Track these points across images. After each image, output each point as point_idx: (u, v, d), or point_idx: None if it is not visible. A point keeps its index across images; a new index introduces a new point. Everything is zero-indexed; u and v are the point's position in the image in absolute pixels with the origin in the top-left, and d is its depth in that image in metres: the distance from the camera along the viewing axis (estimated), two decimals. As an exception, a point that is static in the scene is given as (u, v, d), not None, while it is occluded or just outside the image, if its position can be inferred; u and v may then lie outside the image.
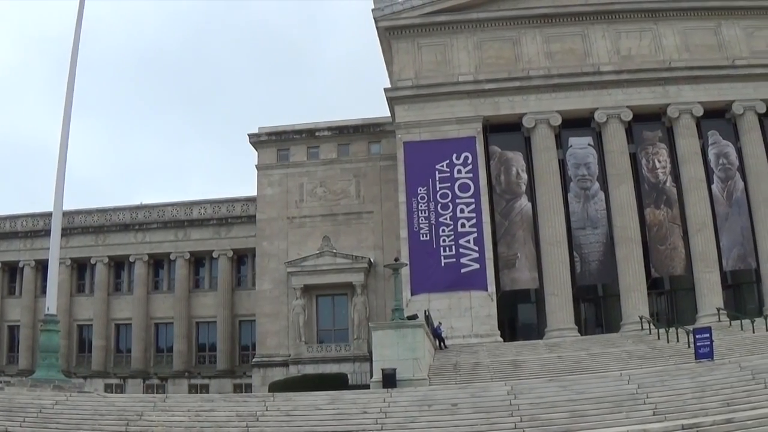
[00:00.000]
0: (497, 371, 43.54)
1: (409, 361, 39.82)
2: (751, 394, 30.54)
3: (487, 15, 62.75)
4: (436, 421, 30.50)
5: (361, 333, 61.05)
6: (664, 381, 33.34)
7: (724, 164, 61.22)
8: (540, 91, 61.05)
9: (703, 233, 59.06)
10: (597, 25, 63.00)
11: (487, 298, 57.25)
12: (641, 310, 56.61)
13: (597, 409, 30.41)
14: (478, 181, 59.31)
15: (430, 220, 58.61)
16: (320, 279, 63.05)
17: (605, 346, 49.93)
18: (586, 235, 59.80)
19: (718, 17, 63.56)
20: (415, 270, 57.06)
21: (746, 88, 61.49)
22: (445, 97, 61.13)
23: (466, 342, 54.64)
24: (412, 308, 53.15)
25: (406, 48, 63.07)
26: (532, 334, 59.48)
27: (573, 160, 60.86)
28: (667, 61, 62.11)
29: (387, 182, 64.23)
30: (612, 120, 60.68)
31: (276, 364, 61.67)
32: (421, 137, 60.47)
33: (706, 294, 57.89)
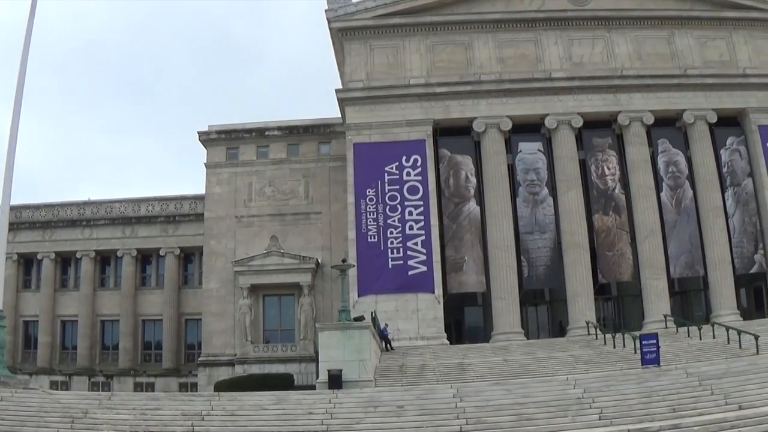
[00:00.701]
0: (443, 374, 44.22)
1: (356, 362, 40.26)
2: (697, 401, 31.80)
3: (440, 19, 63.71)
4: (382, 422, 31.19)
5: (308, 334, 61.60)
6: (610, 386, 34.46)
7: (674, 172, 62.88)
8: (491, 95, 62.16)
9: (651, 240, 60.57)
10: (550, 32, 64.34)
11: (434, 300, 58.17)
12: (588, 315, 57.94)
13: (543, 413, 31.24)
14: (427, 184, 60.20)
15: (378, 221, 59.40)
16: (267, 279, 63.49)
17: (552, 350, 50.97)
18: (533, 239, 60.96)
19: (672, 27, 65.34)
20: (363, 271, 57.87)
21: (697, 98, 63.35)
22: (396, 99, 61.98)
23: (412, 344, 55.50)
24: (359, 309, 53.80)
25: (359, 49, 63.83)
26: (479, 338, 60.34)
27: (522, 165, 61.98)
28: (619, 69, 63.60)
29: (336, 183, 64.92)
30: (562, 126, 62.00)
31: (222, 364, 62.07)
32: (371, 139, 61.26)
33: (653, 300, 59.44)
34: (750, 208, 63.28)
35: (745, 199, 63.44)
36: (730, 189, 63.54)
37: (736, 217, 63.05)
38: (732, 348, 45.21)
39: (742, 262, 62.32)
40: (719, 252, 61.26)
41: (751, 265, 62.45)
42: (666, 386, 34.26)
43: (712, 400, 31.85)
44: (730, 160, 63.88)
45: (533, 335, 61.00)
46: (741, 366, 36.94)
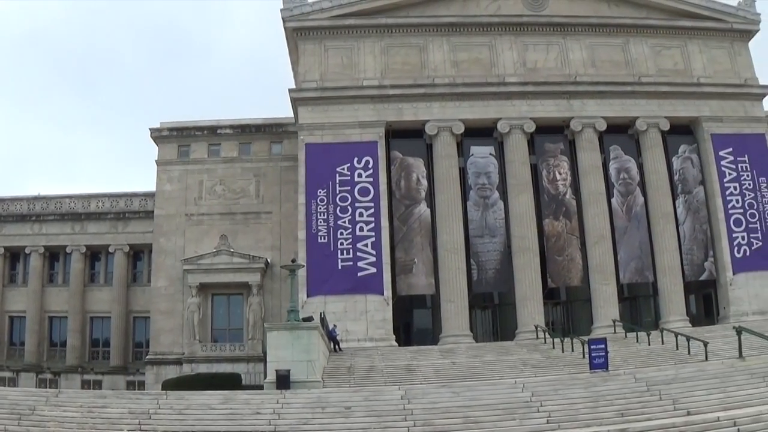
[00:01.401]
0: (391, 375, 44.87)
1: (304, 363, 40.65)
2: (645, 406, 32.78)
3: (395, 21, 64.60)
4: (330, 423, 31.97)
5: (256, 333, 61.93)
6: (558, 390, 35.44)
7: (625, 179, 64.35)
8: (444, 99, 63.14)
9: (601, 246, 61.94)
10: (504, 37, 65.47)
11: (383, 302, 58.91)
12: (537, 320, 59.14)
13: (490, 416, 32.16)
14: (378, 185, 61.00)
15: (328, 222, 60.05)
16: (216, 278, 63.83)
17: (500, 353, 51.92)
18: (483, 243, 62.04)
19: (627, 34, 66.84)
20: (312, 272, 58.51)
21: (650, 105, 64.97)
22: (349, 100, 62.74)
23: (360, 345, 56.22)
24: (307, 310, 54.25)
25: (313, 49, 64.50)
26: (427, 340, 61.45)
27: (474, 168, 63.05)
28: (573, 75, 64.97)
29: (287, 183, 65.44)
30: (515, 131, 63.13)
31: (170, 362, 62.30)
32: (324, 139, 61.90)
33: (603, 305, 60.84)
34: (701, 216, 64.89)
35: (696, 206, 65.03)
36: (682, 196, 65.12)
37: (686, 224, 64.63)
38: (681, 354, 46.34)
39: (692, 269, 63.91)
40: (669, 258, 62.79)
41: (701, 272, 64.10)
42: (614, 391, 35.27)
43: (660, 406, 32.78)
44: (681, 167, 65.50)
45: (482, 338, 62.05)
46: (689, 372, 38.11)
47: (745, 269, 63.44)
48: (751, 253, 63.97)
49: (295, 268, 47.67)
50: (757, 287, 63.14)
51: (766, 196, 65.40)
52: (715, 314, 64.98)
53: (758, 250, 64.10)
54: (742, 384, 35.55)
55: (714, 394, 34.09)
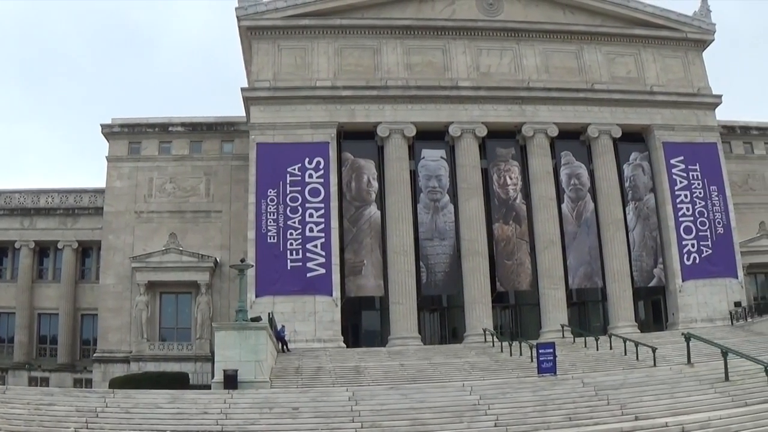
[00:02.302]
0: (339, 377, 45.53)
1: (252, 363, 40.85)
2: (593, 410, 33.69)
3: (350, 22, 65.65)
4: (277, 424, 32.45)
5: (204, 333, 62.41)
6: (506, 393, 36.33)
7: (576, 185, 65.91)
8: (397, 101, 64.23)
9: (550, 250, 63.36)
10: (459, 41, 66.84)
11: (332, 303, 59.72)
12: (485, 323, 60.24)
13: (438, 419, 32.78)
14: (328, 186, 61.78)
15: (278, 222, 60.70)
16: (165, 276, 64.29)
17: (448, 356, 52.75)
18: (433, 246, 63.13)
19: (581, 41, 68.52)
20: (261, 272, 59.12)
21: (603, 112, 66.56)
22: (301, 100, 63.59)
23: (309, 346, 56.86)
24: (256, 310, 54.87)
25: (267, 49, 65.25)
26: (376, 341, 62.41)
27: (425, 171, 64.20)
28: (526, 80, 66.38)
29: (238, 182, 65.98)
30: (466, 135, 64.40)
31: (117, 360, 62.51)
32: (275, 139, 62.61)
33: (551, 310, 62.22)
34: (651, 223, 66.50)
35: (646, 213, 66.65)
36: (632, 203, 66.73)
37: (636, 231, 66.21)
38: (629, 359, 47.36)
39: (641, 275, 65.50)
40: (618, 264, 64.35)
41: (650, 279, 65.76)
42: (562, 395, 36.06)
43: (608, 410, 33.68)
44: (632, 175, 67.13)
45: (430, 341, 63.20)
46: (638, 377, 39.12)
47: (695, 276, 65.14)
48: (700, 261, 65.69)
49: (244, 267, 48.02)
50: (706, 294, 64.90)
51: (716, 205, 67.19)
52: (664, 320, 66.64)
53: (708, 258, 65.87)
54: (691, 390, 36.60)
55: (662, 399, 35.00)
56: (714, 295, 65.13)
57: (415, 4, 67.42)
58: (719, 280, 65.67)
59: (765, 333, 57.20)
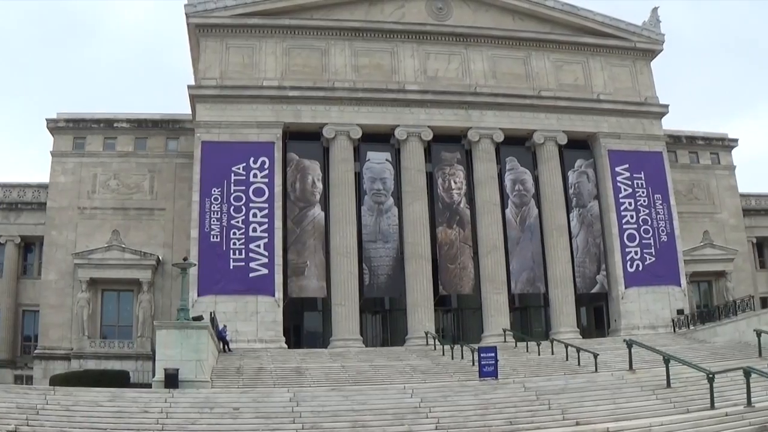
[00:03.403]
0: (280, 377, 45.79)
1: (193, 362, 40.76)
2: (534, 414, 34.19)
3: (298, 23, 66.30)
4: (218, 424, 32.55)
5: (146, 331, 62.72)
6: (447, 396, 36.63)
7: (520, 190, 67.17)
8: (343, 103, 64.96)
9: (493, 255, 64.48)
10: (407, 44, 67.83)
11: (274, 303, 60.21)
12: (427, 326, 61.14)
13: (379, 421, 33.05)
14: (273, 186, 62.28)
15: (222, 221, 61.08)
16: (107, 273, 64.54)
17: (389, 358, 53.50)
18: (376, 248, 64.01)
19: (529, 48, 69.89)
20: (204, 271, 59.45)
21: (549, 119, 67.94)
22: (248, 100, 64.05)
23: (250, 346, 57.26)
24: (198, 309, 55.10)
25: (215, 47, 65.67)
26: (317, 343, 63.07)
27: (369, 173, 65.08)
28: (474, 85, 67.56)
29: (182, 180, 66.31)
30: (412, 138, 65.36)
31: (58, 357, 62.53)
32: (221, 138, 63.02)
33: (493, 314, 63.29)
34: (594, 230, 67.93)
35: (589, 220, 68.10)
36: (576, 210, 68.21)
37: (580, 237, 67.63)
38: (571, 365, 48.39)
39: (584, 282, 66.93)
40: (561, 270, 65.76)
41: (593, 285, 67.18)
42: (503, 399, 36.63)
43: (549, 415, 34.19)
44: (577, 181, 68.64)
45: (372, 343, 64.00)
46: (579, 383, 39.77)
47: (638, 284, 66.75)
48: (643, 268, 67.25)
49: (187, 266, 48.28)
50: (648, 302, 66.55)
51: (660, 213, 68.78)
52: (606, 327, 68.09)
53: (651, 266, 67.46)
54: (632, 396, 37.18)
55: (604, 405, 35.63)
56: (656, 302, 66.74)
57: (364, 6, 68.32)
58: (662, 287, 67.26)
59: (707, 341, 58.73)
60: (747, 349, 51.94)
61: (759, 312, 59.00)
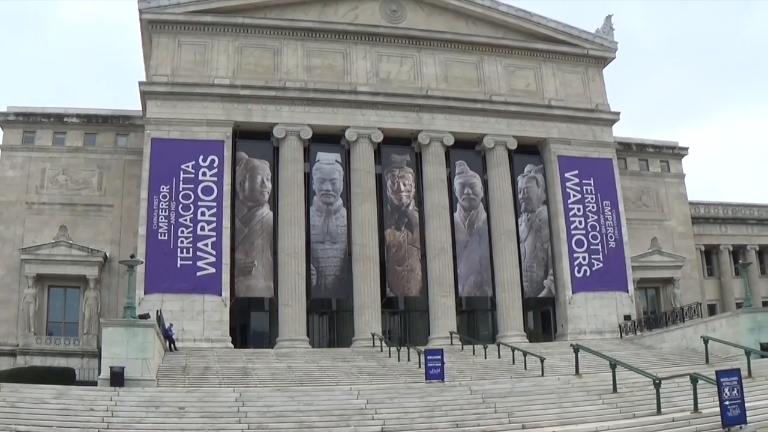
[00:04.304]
0: (226, 377, 46.03)
1: (139, 360, 40.82)
2: (481, 417, 34.67)
3: (252, 21, 66.68)
4: (163, 423, 32.64)
5: (92, 328, 62.62)
6: (393, 398, 37.12)
7: (469, 194, 68.24)
8: (294, 103, 65.55)
9: (441, 258, 65.40)
10: (360, 46, 68.66)
11: (221, 303, 60.53)
12: (374, 328, 61.85)
13: (325, 422, 33.39)
14: (222, 185, 62.57)
15: (170, 219, 61.22)
16: (54, 269, 64.31)
17: (336, 360, 53.96)
18: (324, 249, 64.66)
19: (481, 53, 71.02)
20: (151, 269, 59.58)
21: (500, 124, 69.12)
22: (199, 97, 64.34)
23: (196, 346, 57.50)
24: (144, 307, 55.18)
25: (167, 44, 65.87)
26: (264, 343, 63.47)
27: (319, 174, 65.71)
28: (425, 88, 68.48)
29: (131, 177, 66.41)
30: (362, 139, 66.11)
31: (4, 354, 61.99)
32: (170, 135, 63.19)
33: (440, 317, 64.21)
34: (543, 235, 69.16)
35: (538, 225, 69.30)
36: (524, 215, 69.37)
37: (528, 242, 68.79)
38: (517, 368, 49.13)
39: (531, 286, 68.08)
40: (509, 274, 66.84)
41: (540, 290, 68.39)
42: (449, 402, 37.02)
43: (495, 418, 34.68)
44: (526, 186, 69.84)
45: (318, 344, 64.54)
46: (526, 386, 40.44)
47: (585, 289, 68.14)
48: (591, 274, 68.63)
49: (134, 264, 48.31)
50: (596, 307, 67.86)
51: (609, 219, 70.15)
52: (553, 331, 69.30)
53: (599, 271, 68.85)
54: (579, 401, 37.85)
55: (550, 409, 36.21)
56: (604, 307, 68.10)
57: (318, 6, 68.99)
58: (609, 293, 68.67)
59: (654, 346, 59.98)
60: (694, 355, 53.10)
61: (706, 319, 60.65)
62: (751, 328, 52.25)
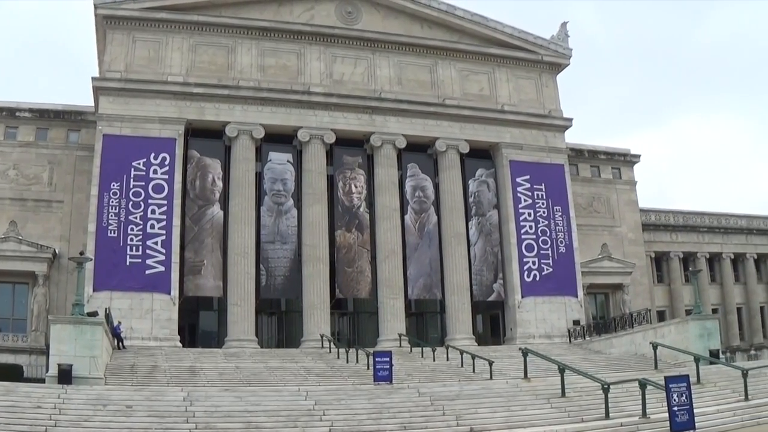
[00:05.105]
0: (174, 376, 46.50)
1: (87, 358, 40.96)
2: (429, 420, 35.45)
3: (207, 19, 67.35)
4: (111, 421, 32.96)
5: (40, 325, 62.69)
6: (341, 400, 37.87)
7: (420, 197, 69.58)
8: (247, 102, 66.30)
9: (391, 260, 66.69)
10: (314, 46, 69.69)
11: (170, 301, 61.02)
12: (323, 329, 62.92)
13: (272, 422, 33.99)
14: (173, 183, 63.02)
15: (120, 217, 61.54)
16: (2, 265, 63.84)
17: (284, 360, 54.77)
18: (274, 249, 65.54)
19: (436, 56, 72.40)
20: (100, 266, 59.80)
21: (452, 128, 70.52)
22: (152, 94, 64.70)
23: (145, 344, 57.86)
24: (93, 305, 55.28)
25: (121, 40, 66.17)
26: (212, 342, 64.08)
27: (270, 174, 66.57)
28: (379, 91, 69.71)
29: (81, 173, 66.69)
30: (315, 140, 67.16)
31: None
32: (122, 132, 63.51)
33: (389, 319, 65.44)
34: (493, 239, 70.71)
35: (488, 229, 70.85)
36: (475, 218, 70.87)
37: (478, 245, 70.29)
38: (466, 371, 50.14)
39: (481, 290, 69.58)
40: (458, 278, 68.25)
41: (489, 293, 69.93)
42: (397, 404, 37.80)
43: (443, 421, 35.44)
44: (477, 190, 71.39)
45: (267, 344, 65.38)
46: (474, 389, 41.39)
47: (534, 293, 69.82)
48: (541, 279, 70.31)
49: (83, 260, 48.57)
50: (545, 311, 69.59)
51: (560, 225, 71.88)
52: (502, 335, 70.85)
53: (548, 276, 70.56)
54: (527, 404, 38.79)
55: (499, 412, 37.09)
56: (553, 312, 69.84)
57: (273, 6, 69.78)
58: (559, 298, 70.48)
59: (602, 351, 61.64)
60: (643, 361, 54.65)
61: (655, 325, 62.42)
62: (701, 335, 54.12)
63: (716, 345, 54.30)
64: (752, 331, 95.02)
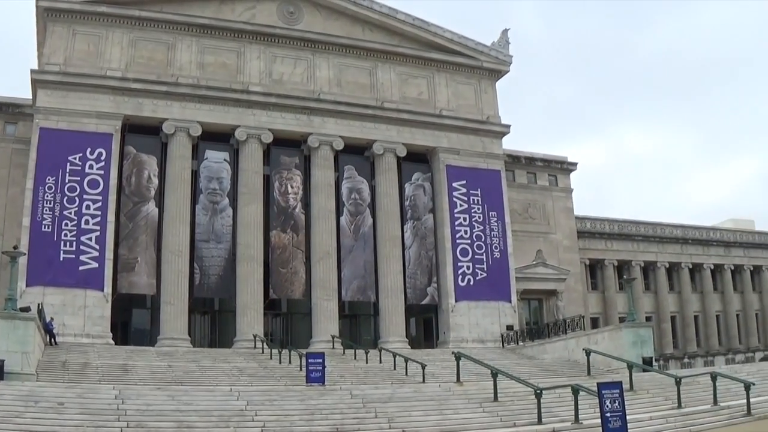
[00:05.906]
0: (106, 374, 46.84)
1: (18, 354, 40.87)
2: (361, 422, 36.02)
3: (147, 15, 68.23)
4: (42, 418, 32.95)
5: None
6: (273, 400, 38.36)
7: (356, 199, 71.46)
8: (185, 99, 67.42)
9: (325, 262, 68.35)
10: (254, 45, 71.18)
11: (103, 298, 61.68)
12: (256, 329, 64.19)
13: (204, 422, 34.35)
14: (108, 179, 63.61)
15: (54, 211, 61.99)
16: None
17: (217, 360, 55.69)
18: (209, 248, 66.80)
19: (376, 59, 74.40)
20: (33, 261, 60.11)
21: (390, 131, 72.52)
22: (89, 89, 65.22)
23: (77, 341, 58.33)
24: (26, 300, 55.51)
25: (61, 32, 66.66)
26: (145, 340, 64.84)
27: (206, 172, 67.84)
28: (317, 92, 71.40)
29: (17, 167, 67.01)
30: (251, 139, 68.60)
31: None
32: (59, 126, 63.97)
33: (323, 321, 67.10)
34: (428, 243, 72.82)
35: (423, 233, 72.94)
36: (410, 222, 72.89)
37: (413, 249, 72.37)
38: (398, 374, 51.43)
39: (415, 293, 71.61)
40: (393, 281, 70.25)
41: (423, 297, 72.00)
42: (330, 405, 38.40)
43: (375, 423, 36.09)
44: (413, 194, 73.46)
45: (200, 344, 66.48)
46: (406, 392, 42.18)
47: (468, 298, 72.03)
48: (475, 283, 72.58)
49: (16, 255, 48.65)
50: (478, 316, 71.76)
51: (495, 230, 74.24)
52: (435, 339, 72.98)
53: (483, 281, 72.87)
54: (459, 408, 38.90)
55: (431, 415, 37.77)
56: (486, 317, 72.06)
57: (215, 4, 71.01)
58: (492, 303, 72.80)
59: (536, 357, 63.55)
60: (576, 367, 56.31)
61: (589, 332, 64.23)
62: (634, 342, 55.85)
63: (650, 353, 56.02)
64: (686, 339, 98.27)
